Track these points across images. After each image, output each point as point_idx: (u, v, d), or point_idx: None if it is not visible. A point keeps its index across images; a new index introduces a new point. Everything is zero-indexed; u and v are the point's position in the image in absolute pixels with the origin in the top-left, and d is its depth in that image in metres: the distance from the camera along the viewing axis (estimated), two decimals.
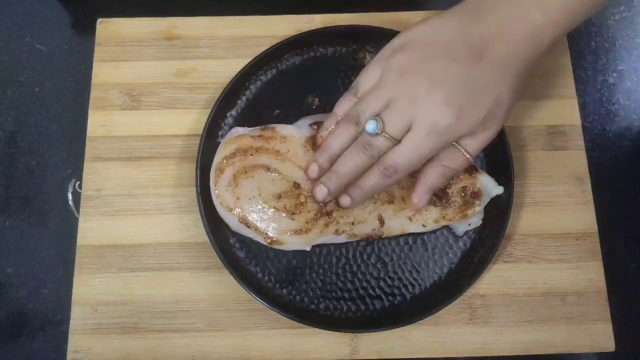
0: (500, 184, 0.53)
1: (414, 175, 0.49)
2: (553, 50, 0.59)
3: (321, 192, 0.49)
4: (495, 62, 0.44)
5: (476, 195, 0.51)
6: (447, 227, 0.54)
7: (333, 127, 0.49)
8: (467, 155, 0.46)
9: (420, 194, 0.48)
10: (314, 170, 0.49)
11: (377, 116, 0.45)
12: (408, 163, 0.45)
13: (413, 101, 0.44)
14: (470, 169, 0.52)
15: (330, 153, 0.48)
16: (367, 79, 0.47)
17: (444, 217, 0.52)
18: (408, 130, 0.44)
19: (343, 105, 0.49)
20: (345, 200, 0.49)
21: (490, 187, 0.52)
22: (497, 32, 0.44)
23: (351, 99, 0.48)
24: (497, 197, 0.53)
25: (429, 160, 0.47)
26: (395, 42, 0.47)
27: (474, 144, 0.46)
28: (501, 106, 0.44)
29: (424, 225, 0.52)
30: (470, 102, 0.44)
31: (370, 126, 0.45)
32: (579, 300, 0.53)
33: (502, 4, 0.44)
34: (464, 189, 0.52)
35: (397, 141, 0.45)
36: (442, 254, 0.53)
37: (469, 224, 0.53)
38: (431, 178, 0.48)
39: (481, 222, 0.53)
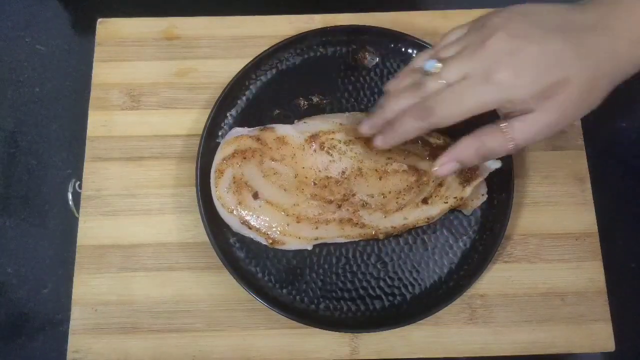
0: (500, 185, 0.53)
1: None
2: None
3: (365, 125, 0.48)
4: (581, 44, 0.40)
5: (473, 170, 0.52)
6: (447, 226, 0.54)
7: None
8: (511, 142, 0.42)
9: (444, 159, 0.45)
10: (378, 104, 0.47)
11: (441, 59, 0.43)
12: (444, 110, 0.42)
13: (480, 49, 0.41)
14: None
15: (387, 93, 0.46)
16: (451, 35, 0.45)
17: (446, 198, 0.52)
18: (463, 79, 0.41)
19: (421, 57, 0.46)
20: (377, 139, 0.47)
21: (488, 162, 0.52)
22: (596, 23, 0.40)
23: (430, 52, 0.46)
24: (498, 197, 0.53)
25: (471, 134, 0.44)
26: (491, 11, 0.44)
27: (523, 129, 0.41)
28: (566, 89, 0.40)
29: (427, 219, 0.52)
30: (535, 66, 0.40)
31: (429, 64, 0.43)
32: (579, 300, 0.53)
33: (605, 5, 0.41)
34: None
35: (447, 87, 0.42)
36: (442, 254, 0.53)
37: (472, 200, 0.53)
38: (463, 148, 0.44)
39: (486, 196, 0.53)
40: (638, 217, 0.59)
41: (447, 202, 0.52)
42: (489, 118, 0.43)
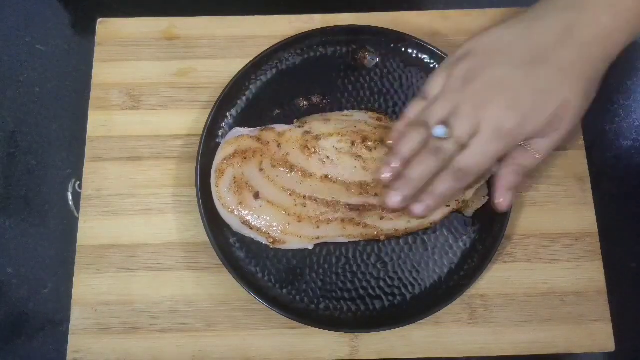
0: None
1: None
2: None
3: (395, 198, 0.48)
4: (561, 65, 0.44)
5: None
6: (447, 226, 0.54)
7: (403, 130, 0.49)
8: (537, 155, 0.47)
9: (501, 192, 0.49)
10: (386, 173, 0.48)
11: (445, 121, 0.46)
12: (477, 165, 0.46)
13: (477, 106, 0.45)
14: None
15: (402, 156, 0.48)
16: (433, 85, 0.49)
17: (448, 201, 0.51)
18: (475, 134, 0.45)
19: (413, 109, 0.49)
20: (418, 208, 0.48)
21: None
22: (562, 37, 0.44)
23: (420, 103, 0.49)
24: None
25: (502, 162, 0.48)
26: (459, 51, 0.48)
27: (544, 144, 0.47)
28: (569, 108, 0.45)
29: (430, 223, 0.52)
30: (534, 105, 0.45)
31: (439, 130, 0.46)
32: (579, 300, 0.53)
33: (568, 9, 0.45)
34: None
35: (464, 145, 0.46)
36: (442, 254, 0.53)
37: (473, 202, 0.53)
38: (507, 177, 0.49)
39: (487, 198, 0.53)
40: (638, 217, 0.59)
41: (448, 205, 0.52)
42: None
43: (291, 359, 0.52)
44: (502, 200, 0.49)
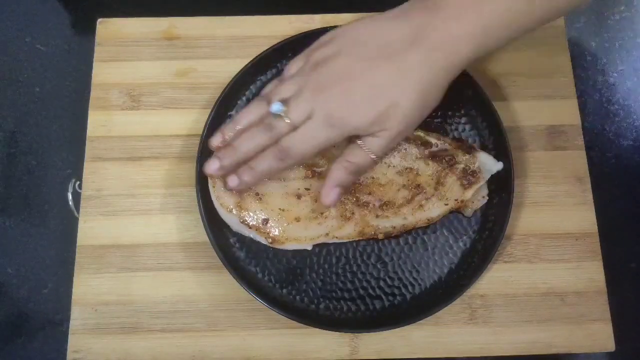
0: (500, 185, 0.53)
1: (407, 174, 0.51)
2: (552, 51, 0.59)
3: (213, 165, 0.49)
4: (401, 66, 0.44)
5: (475, 173, 0.52)
6: (447, 226, 0.54)
7: None
8: (371, 154, 0.47)
9: (327, 190, 0.49)
10: (216, 139, 0.50)
11: (284, 100, 0.46)
12: (301, 149, 0.46)
13: (316, 92, 0.46)
14: (469, 149, 0.52)
15: (236, 126, 0.49)
16: (292, 67, 0.49)
17: (447, 199, 0.52)
18: (308, 118, 0.46)
19: (267, 87, 0.51)
20: (233, 181, 0.49)
21: (489, 164, 0.52)
22: (411, 38, 0.44)
23: (276, 82, 0.50)
24: (498, 197, 0.53)
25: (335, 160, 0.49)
26: (323, 37, 0.49)
27: (377, 143, 0.47)
28: (398, 109, 0.45)
29: (428, 220, 0.52)
30: (366, 99, 0.45)
31: (274, 107, 0.46)
32: (578, 300, 0.53)
33: (424, 11, 0.45)
34: (464, 169, 0.52)
35: (295, 127, 0.46)
36: (442, 254, 0.53)
37: (473, 202, 0.53)
38: (336, 174, 0.48)
39: (487, 198, 0.53)
40: (638, 217, 0.59)
41: (447, 204, 0.52)
42: None
43: (291, 359, 0.52)
44: (325, 197, 0.49)
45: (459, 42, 0.44)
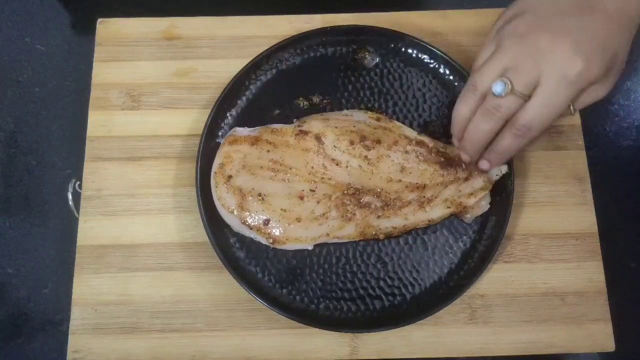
0: (501, 185, 0.53)
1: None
2: None
3: (464, 157, 0.51)
4: (607, 15, 0.44)
5: (477, 177, 0.52)
6: (447, 226, 0.54)
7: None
8: (572, 110, 0.46)
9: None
10: (455, 140, 0.51)
11: (502, 77, 0.45)
12: (542, 119, 0.45)
13: (538, 55, 0.44)
14: None
15: (457, 125, 0.49)
16: (483, 53, 0.48)
17: (449, 202, 0.52)
18: (536, 86, 0.44)
19: (469, 81, 0.49)
20: (484, 164, 0.51)
21: (493, 171, 0.52)
22: None
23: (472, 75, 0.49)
24: (498, 196, 0.53)
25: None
26: (506, 13, 0.47)
27: (599, 91, 0.46)
28: (618, 58, 0.45)
29: (429, 221, 0.52)
30: (594, 49, 0.43)
31: (498, 87, 0.45)
32: (578, 300, 0.53)
33: None
34: (467, 178, 0.52)
35: (527, 98, 0.44)
36: (442, 254, 0.53)
37: (474, 208, 0.53)
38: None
39: (489, 206, 0.53)
40: (638, 217, 0.59)
41: (449, 207, 0.52)
42: None
43: (291, 359, 0.52)
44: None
45: None
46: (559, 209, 0.55)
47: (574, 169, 0.56)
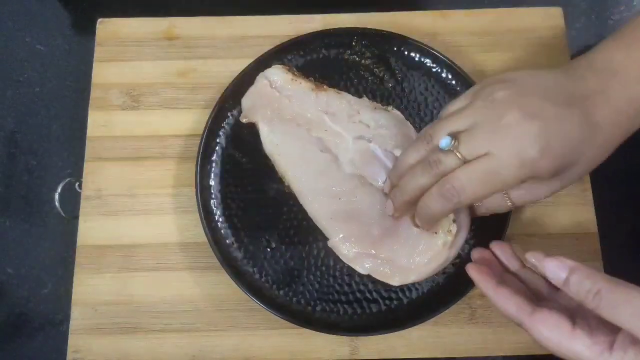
0: None
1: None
2: (552, 51, 0.59)
3: (388, 206, 0.49)
4: (591, 122, 0.42)
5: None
6: None
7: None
8: (509, 203, 0.46)
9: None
10: (386, 185, 0.50)
11: (453, 134, 0.42)
12: (474, 187, 0.42)
13: (499, 128, 0.41)
14: None
15: (398, 170, 0.47)
16: (454, 104, 0.46)
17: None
18: (485, 155, 0.41)
19: (424, 129, 0.47)
20: (415, 221, 0.48)
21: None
22: (597, 95, 0.42)
23: (434, 123, 0.46)
24: None
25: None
26: (500, 75, 0.45)
27: (523, 196, 0.46)
28: (575, 168, 0.43)
29: None
30: (556, 145, 0.41)
31: (443, 141, 0.42)
32: None
33: (604, 71, 0.43)
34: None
35: (467, 162, 0.42)
36: None
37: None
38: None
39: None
40: (638, 217, 0.59)
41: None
42: None
43: (291, 359, 0.52)
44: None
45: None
46: (559, 209, 0.55)
47: None
